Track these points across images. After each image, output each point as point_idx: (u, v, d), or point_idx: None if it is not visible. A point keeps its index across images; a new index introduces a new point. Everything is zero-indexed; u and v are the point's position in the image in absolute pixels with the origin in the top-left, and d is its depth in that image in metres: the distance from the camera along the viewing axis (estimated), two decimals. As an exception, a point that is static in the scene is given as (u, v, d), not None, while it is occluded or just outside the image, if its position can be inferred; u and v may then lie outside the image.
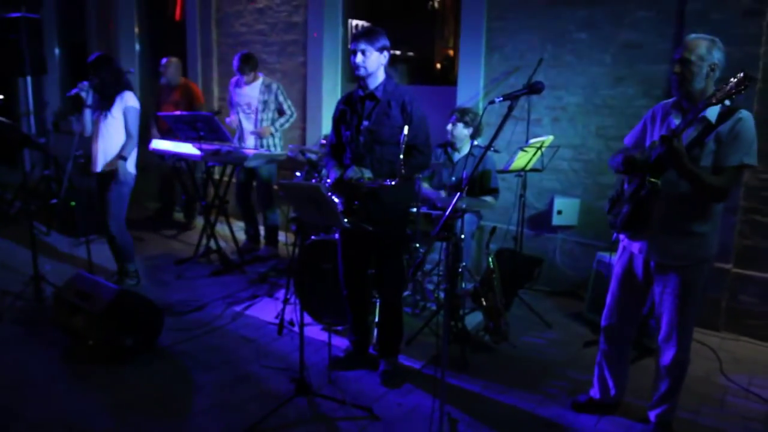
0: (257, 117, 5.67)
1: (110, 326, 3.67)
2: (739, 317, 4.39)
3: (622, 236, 3.02)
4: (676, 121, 2.73)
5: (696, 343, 4.20)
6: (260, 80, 5.67)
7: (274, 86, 5.68)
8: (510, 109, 2.61)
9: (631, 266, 3.00)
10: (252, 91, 5.66)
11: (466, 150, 4.64)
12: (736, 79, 2.44)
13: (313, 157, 4.91)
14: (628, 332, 3.14)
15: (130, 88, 4.68)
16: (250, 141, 5.71)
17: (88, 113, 4.60)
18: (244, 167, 5.56)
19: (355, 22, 6.48)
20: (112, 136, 4.59)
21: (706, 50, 2.64)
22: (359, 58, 3.25)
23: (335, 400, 3.27)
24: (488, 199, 4.53)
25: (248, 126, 5.73)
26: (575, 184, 5.01)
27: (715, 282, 4.38)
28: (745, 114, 2.64)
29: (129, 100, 4.62)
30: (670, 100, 2.87)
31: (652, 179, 2.68)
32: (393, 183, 3.18)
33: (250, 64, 5.57)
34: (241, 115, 5.73)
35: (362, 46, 3.24)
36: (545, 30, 4.95)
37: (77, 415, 3.17)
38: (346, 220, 3.16)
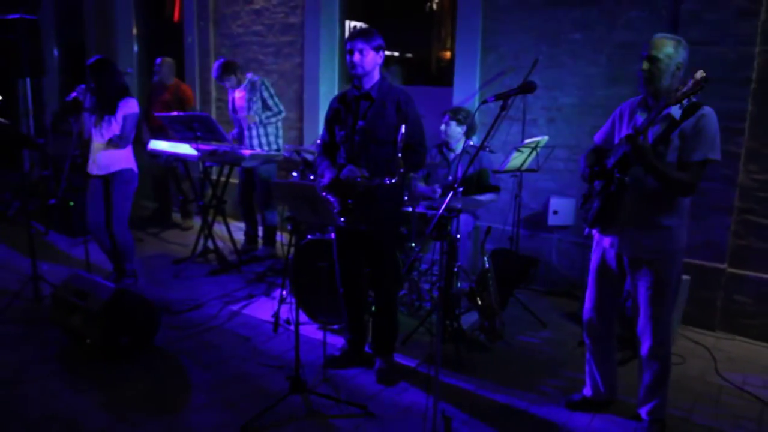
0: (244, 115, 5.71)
1: (107, 325, 3.68)
2: (734, 317, 4.41)
3: (594, 231, 3.07)
4: (642, 119, 2.79)
5: (691, 342, 4.24)
6: (246, 80, 5.67)
7: (258, 83, 5.62)
8: (502, 108, 2.63)
9: (605, 261, 3.05)
10: (241, 93, 5.70)
11: (460, 149, 4.65)
12: (693, 80, 2.49)
13: (309, 156, 4.93)
14: (608, 326, 3.17)
15: (130, 93, 4.67)
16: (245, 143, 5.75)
17: (86, 116, 4.61)
18: (242, 168, 5.58)
19: (352, 23, 6.50)
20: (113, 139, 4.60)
21: (674, 49, 2.71)
22: (356, 57, 3.27)
23: (330, 397, 3.29)
24: (488, 196, 4.51)
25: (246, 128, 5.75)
26: (571, 185, 5.03)
27: (710, 282, 4.41)
28: (707, 110, 2.70)
29: (131, 107, 4.60)
30: (637, 98, 2.93)
31: (620, 175, 2.76)
32: (393, 181, 3.20)
33: (228, 71, 5.55)
34: (241, 120, 5.75)
35: (359, 45, 3.26)
36: (540, 31, 4.98)
37: (75, 411, 3.19)
38: (342, 219, 3.18)
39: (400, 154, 3.11)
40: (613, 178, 2.79)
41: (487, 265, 4.05)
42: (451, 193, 2.75)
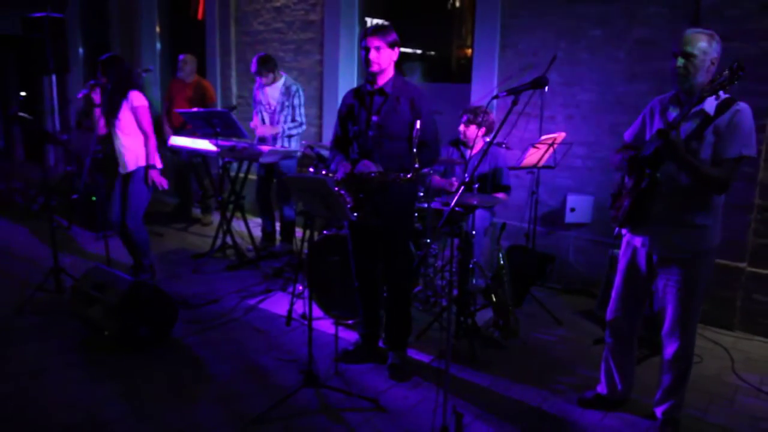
0: (275, 117, 5.72)
1: (125, 317, 3.75)
2: (753, 316, 4.35)
3: (624, 231, 3.02)
4: (675, 115, 2.74)
5: (709, 342, 4.19)
6: (282, 80, 5.70)
7: (294, 89, 5.66)
8: (513, 103, 2.62)
9: (635, 260, 3.00)
10: (272, 92, 5.71)
11: (478, 147, 4.64)
12: (728, 71, 2.45)
13: (324, 152, 4.95)
14: (633, 327, 3.14)
15: (136, 87, 4.71)
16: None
17: (97, 112, 4.67)
18: (262, 164, 5.63)
19: (372, 20, 6.52)
20: (126, 137, 4.66)
21: (708, 44, 2.65)
22: (372, 54, 3.28)
23: (342, 391, 3.31)
24: (499, 196, 4.53)
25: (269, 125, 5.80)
26: (589, 182, 5.00)
27: (729, 281, 4.35)
28: (742, 106, 2.65)
29: (135, 100, 4.63)
30: (668, 94, 2.88)
31: (651, 172, 2.70)
32: (408, 176, 3.21)
33: (267, 66, 5.59)
34: (264, 114, 5.80)
35: (375, 42, 3.26)
36: (559, 27, 4.95)
37: (93, 401, 3.25)
38: (355, 214, 3.20)
39: (415, 150, 3.12)
40: (644, 175, 2.73)
41: (502, 262, 4.04)
42: (462, 188, 2.74)
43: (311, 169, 4.99)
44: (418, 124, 3.13)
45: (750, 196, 4.26)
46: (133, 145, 4.68)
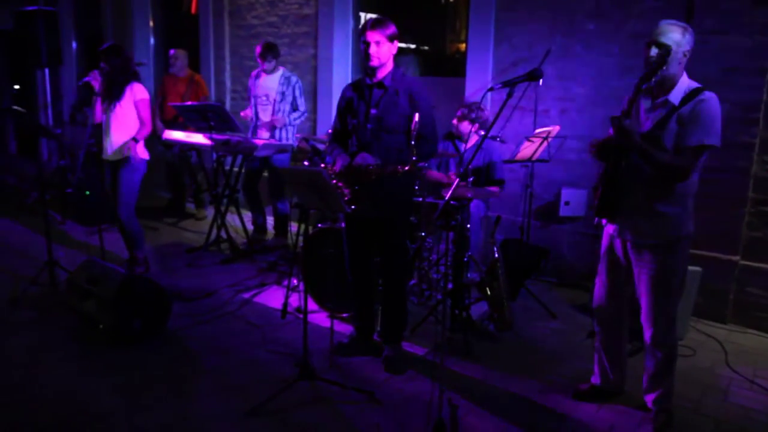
0: (274, 108, 5.73)
1: (119, 310, 3.74)
2: (746, 309, 4.37)
3: (603, 220, 3.06)
4: (646, 105, 2.80)
5: (702, 335, 4.21)
6: (281, 72, 5.73)
7: (294, 79, 5.73)
8: (508, 95, 2.63)
9: (612, 247, 3.05)
10: (272, 83, 5.72)
11: (472, 140, 4.64)
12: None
13: (319, 146, 4.94)
14: (618, 314, 3.16)
15: (138, 78, 4.79)
16: (264, 132, 5.78)
17: (97, 101, 4.69)
18: (255, 157, 5.62)
19: (365, 15, 6.50)
20: (123, 126, 4.69)
21: (681, 35, 2.69)
22: (372, 49, 3.27)
23: (337, 384, 3.31)
24: (492, 189, 4.54)
25: (264, 117, 5.78)
26: (583, 175, 5.00)
27: (722, 274, 4.37)
28: (708, 95, 2.67)
29: (139, 93, 4.73)
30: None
31: (614, 160, 2.78)
32: (405, 169, 3.21)
33: (272, 52, 5.63)
34: (258, 107, 5.79)
35: (375, 37, 3.25)
36: (554, 20, 4.95)
37: (88, 394, 3.25)
38: (352, 206, 3.20)
39: (413, 143, 3.12)
40: (609, 163, 2.80)
41: (496, 255, 4.04)
42: (457, 181, 2.75)
43: (306, 163, 4.99)
44: (416, 117, 3.13)
45: (744, 189, 4.27)
46: (125, 134, 4.69)
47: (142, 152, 4.76)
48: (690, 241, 2.93)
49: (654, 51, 2.69)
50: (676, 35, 2.67)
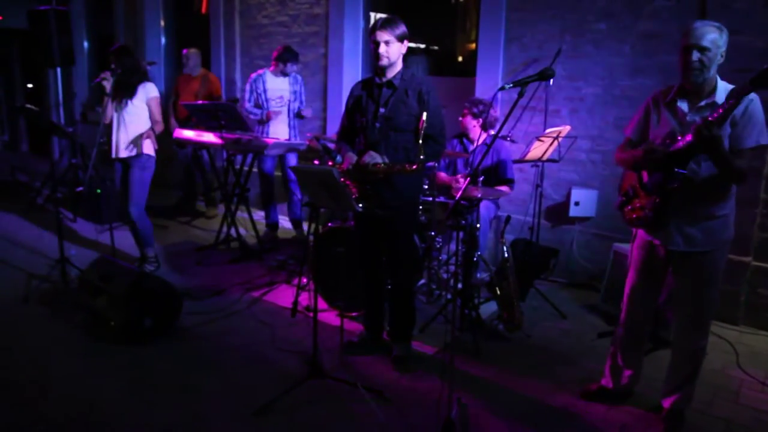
0: (289, 107, 5.87)
1: (131, 308, 3.77)
2: (758, 311, 4.34)
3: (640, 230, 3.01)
4: (684, 107, 2.74)
5: (714, 336, 4.18)
6: (291, 73, 5.87)
7: (299, 77, 5.96)
8: (520, 95, 2.62)
9: (651, 255, 2.98)
10: (283, 84, 5.85)
11: (480, 140, 4.65)
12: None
13: (329, 145, 4.95)
14: (646, 320, 3.15)
15: (149, 78, 4.84)
16: (282, 131, 5.83)
17: (108, 101, 4.72)
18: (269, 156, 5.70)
19: (375, 15, 6.50)
20: (135, 124, 4.72)
21: (718, 36, 2.63)
22: (382, 48, 3.27)
23: (347, 382, 3.31)
24: (502, 189, 4.54)
25: (282, 118, 5.87)
26: (593, 176, 4.99)
27: (734, 275, 4.34)
28: (754, 95, 2.63)
29: (151, 91, 4.79)
30: (671, 87, 2.85)
31: (681, 170, 2.66)
32: (414, 168, 3.21)
33: (296, 58, 5.86)
34: (272, 109, 5.83)
35: (385, 36, 3.25)
36: (564, 20, 4.94)
37: (98, 391, 3.27)
38: (360, 205, 3.20)
39: (420, 142, 3.12)
40: (673, 173, 2.68)
41: (506, 255, 4.04)
42: (467, 181, 2.74)
43: (316, 162, 5.00)
44: (424, 116, 3.13)
45: (756, 190, 4.24)
46: (135, 133, 4.73)
47: (149, 149, 4.80)
48: (729, 246, 2.91)
49: (696, 55, 2.63)
50: (714, 35, 2.61)
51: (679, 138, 2.68)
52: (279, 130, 5.85)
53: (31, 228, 6.30)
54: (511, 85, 2.69)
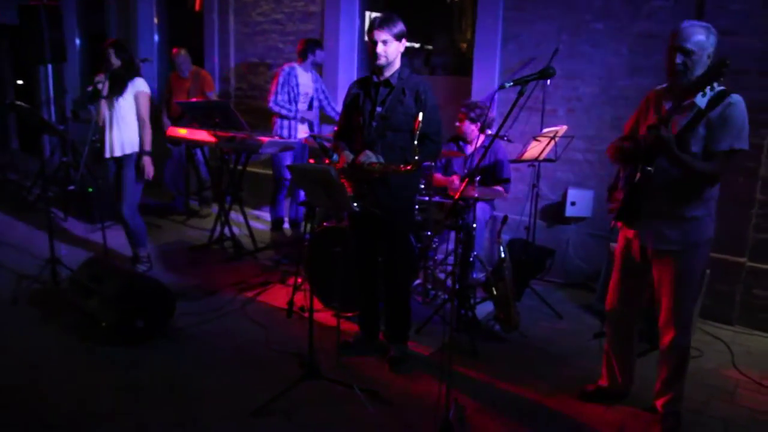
0: (313, 104, 5.90)
1: (123, 309, 3.72)
2: (753, 311, 4.35)
3: (620, 224, 3.02)
4: (668, 107, 2.75)
5: (709, 336, 4.19)
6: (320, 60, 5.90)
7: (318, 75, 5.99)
8: (520, 94, 2.60)
9: (629, 251, 3.01)
10: (307, 79, 5.83)
11: (477, 142, 4.63)
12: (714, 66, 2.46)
13: (326, 144, 4.92)
14: (630, 317, 3.14)
15: (140, 74, 4.76)
16: (305, 130, 5.84)
17: (104, 104, 4.65)
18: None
19: (371, 13, 6.47)
20: (125, 120, 4.63)
21: (705, 37, 2.63)
22: (380, 48, 3.25)
23: (343, 384, 3.28)
24: (498, 189, 4.52)
25: (308, 115, 5.88)
26: (589, 176, 4.98)
27: (729, 276, 4.35)
28: (735, 98, 2.63)
29: (140, 86, 4.69)
30: (662, 86, 2.87)
31: (647, 167, 2.69)
32: (409, 167, 3.18)
33: (319, 45, 5.84)
34: (300, 104, 5.81)
35: (383, 36, 3.23)
36: (561, 19, 4.92)
37: (90, 393, 3.22)
38: (355, 204, 3.17)
39: (416, 142, 3.09)
40: (637, 169, 2.73)
41: (503, 255, 4.02)
42: (465, 181, 2.72)
43: (311, 160, 4.97)
44: (420, 116, 3.10)
45: (751, 190, 4.25)
46: (128, 131, 4.66)
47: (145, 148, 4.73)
48: (710, 244, 2.91)
49: (680, 58, 2.63)
50: (700, 37, 2.61)
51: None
52: (303, 128, 5.85)
53: (21, 227, 6.22)
54: (512, 83, 2.66)
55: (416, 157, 3.12)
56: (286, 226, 6.15)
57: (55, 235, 4.68)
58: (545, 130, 4.41)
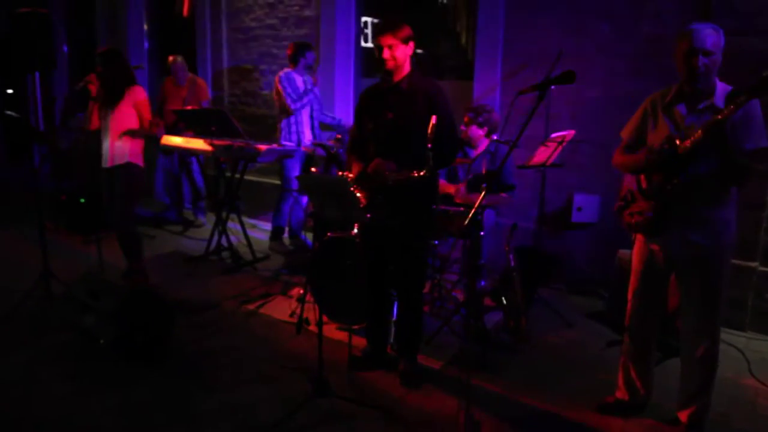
0: (311, 108, 5.73)
1: (121, 325, 3.58)
2: (765, 316, 4.28)
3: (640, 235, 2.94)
4: (683, 110, 2.71)
5: (722, 343, 4.07)
6: (312, 62, 5.74)
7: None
8: (540, 99, 2.51)
9: (652, 262, 2.92)
10: (304, 84, 5.68)
11: (482, 147, 4.53)
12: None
13: (328, 143, 4.78)
14: (652, 329, 3.07)
15: (136, 82, 4.63)
16: (307, 135, 5.72)
17: (93, 107, 4.53)
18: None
19: (367, 18, 6.37)
20: (120, 130, 4.51)
21: (718, 38, 2.61)
22: (386, 53, 3.17)
23: (354, 401, 3.16)
24: (502, 195, 4.42)
25: (306, 120, 5.73)
26: (596, 181, 4.90)
27: (740, 281, 4.27)
28: None
29: (138, 95, 4.56)
30: (669, 88, 2.82)
31: (682, 171, 2.62)
32: (422, 174, 3.07)
33: (310, 47, 5.70)
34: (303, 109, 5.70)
35: (388, 41, 3.16)
36: (565, 22, 4.85)
37: (86, 414, 3.09)
38: (368, 215, 3.06)
39: (430, 146, 2.98)
40: (673, 175, 2.65)
41: (512, 264, 3.92)
42: (484, 192, 2.62)
43: (314, 170, 4.85)
44: (433, 120, 3.00)
45: (761, 194, 4.18)
46: (123, 141, 4.52)
47: (136, 157, 4.59)
48: (733, 249, 2.86)
49: (702, 60, 2.58)
50: (714, 38, 2.58)
51: (678, 142, 2.62)
52: (306, 136, 5.72)
53: (12, 240, 6.05)
54: (531, 88, 2.57)
55: (430, 163, 3.02)
56: (286, 236, 6.02)
57: (47, 247, 4.51)
58: (553, 135, 4.33)
